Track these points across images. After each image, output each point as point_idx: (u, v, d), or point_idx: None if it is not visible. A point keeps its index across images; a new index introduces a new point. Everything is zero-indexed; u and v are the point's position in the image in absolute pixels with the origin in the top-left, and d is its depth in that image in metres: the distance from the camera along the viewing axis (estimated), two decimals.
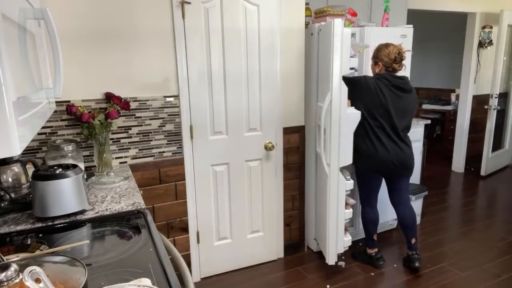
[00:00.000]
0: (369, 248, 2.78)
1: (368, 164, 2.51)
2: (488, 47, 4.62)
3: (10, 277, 0.79)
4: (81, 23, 2.03)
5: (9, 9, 0.87)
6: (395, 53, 2.40)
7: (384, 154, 2.44)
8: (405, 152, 2.48)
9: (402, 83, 2.42)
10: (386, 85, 2.40)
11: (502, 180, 4.72)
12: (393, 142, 2.45)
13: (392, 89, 2.41)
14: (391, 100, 2.40)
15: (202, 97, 2.41)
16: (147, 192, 2.35)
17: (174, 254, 1.50)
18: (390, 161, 2.45)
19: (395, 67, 2.44)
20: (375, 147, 2.45)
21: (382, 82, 2.41)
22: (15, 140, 0.76)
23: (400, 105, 2.43)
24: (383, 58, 2.44)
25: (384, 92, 2.39)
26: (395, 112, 2.42)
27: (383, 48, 2.45)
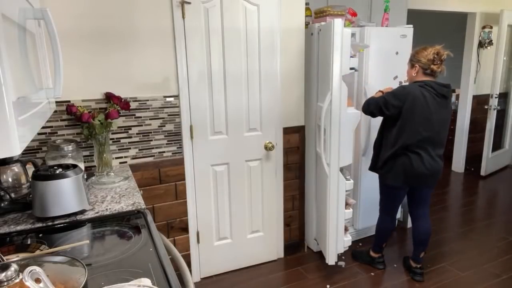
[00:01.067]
0: (374, 252, 2.75)
1: (401, 178, 2.36)
2: (488, 47, 4.62)
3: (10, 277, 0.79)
4: (81, 23, 2.03)
5: (9, 9, 0.87)
6: (434, 53, 2.25)
7: (420, 169, 2.29)
8: (439, 164, 2.34)
9: (447, 92, 2.27)
10: (430, 93, 2.24)
11: (502, 180, 4.72)
12: (429, 156, 2.30)
13: (437, 98, 2.25)
14: (435, 110, 2.24)
15: (202, 97, 2.41)
16: (147, 192, 2.35)
17: (174, 254, 1.50)
18: (424, 174, 2.31)
19: (433, 69, 2.27)
20: (411, 162, 2.30)
21: (426, 90, 2.24)
22: (15, 140, 0.76)
23: (442, 115, 2.28)
24: (421, 59, 2.28)
25: (429, 101, 2.23)
26: (438, 122, 2.27)
27: (421, 50, 2.31)
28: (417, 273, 2.59)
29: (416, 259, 2.61)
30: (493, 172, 4.95)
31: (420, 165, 2.30)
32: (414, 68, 2.34)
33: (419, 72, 2.31)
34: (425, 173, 2.31)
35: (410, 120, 2.25)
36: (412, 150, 2.30)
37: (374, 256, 2.75)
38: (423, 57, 2.27)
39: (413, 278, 2.60)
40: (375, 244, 2.74)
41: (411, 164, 2.30)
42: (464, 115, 4.90)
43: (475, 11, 4.50)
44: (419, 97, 2.23)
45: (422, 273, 2.60)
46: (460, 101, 4.95)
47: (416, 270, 2.60)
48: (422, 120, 2.25)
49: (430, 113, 2.24)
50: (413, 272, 2.62)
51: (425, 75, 2.31)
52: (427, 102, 2.23)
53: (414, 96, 2.23)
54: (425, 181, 2.36)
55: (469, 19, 4.63)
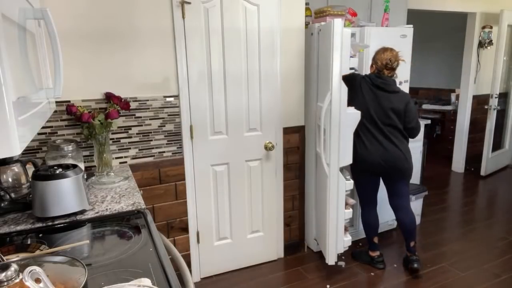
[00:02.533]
0: (371, 251, 2.77)
1: (357, 163, 2.52)
2: (488, 47, 4.62)
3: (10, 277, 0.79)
4: (81, 23, 2.03)
5: (9, 9, 0.87)
6: (387, 59, 2.43)
7: (368, 153, 2.49)
8: (391, 151, 2.47)
9: (381, 83, 2.45)
10: (367, 83, 2.48)
11: (502, 180, 4.72)
12: (376, 141, 2.48)
13: (372, 88, 2.46)
14: (370, 98, 2.46)
15: (202, 97, 2.41)
16: (147, 192, 2.35)
17: (174, 254, 1.50)
18: (376, 161, 2.48)
19: (384, 73, 2.47)
20: (359, 146, 2.50)
21: (364, 81, 2.50)
22: (15, 140, 0.76)
23: (381, 104, 2.45)
24: (377, 62, 2.48)
25: (364, 90, 2.47)
26: (375, 111, 2.45)
27: (380, 52, 2.48)
28: (413, 260, 2.61)
29: (409, 249, 2.66)
30: (493, 172, 4.95)
31: (368, 150, 2.49)
32: (372, 67, 2.55)
33: (375, 72, 2.51)
34: (378, 162, 2.47)
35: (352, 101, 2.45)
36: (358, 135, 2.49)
37: (373, 255, 2.76)
38: (380, 60, 2.46)
39: (412, 268, 2.60)
40: (367, 242, 2.79)
41: (360, 148, 2.50)
42: (464, 115, 4.90)
43: (475, 11, 4.50)
44: (358, 84, 2.49)
45: (417, 260, 2.62)
46: (460, 101, 4.95)
47: (411, 258, 2.63)
48: (361, 107, 2.45)
49: (366, 101, 2.46)
50: (409, 261, 2.64)
51: None
52: (362, 91, 2.48)
53: (356, 81, 2.49)
54: (386, 171, 2.50)
55: (469, 19, 4.63)
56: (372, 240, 2.74)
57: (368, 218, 2.71)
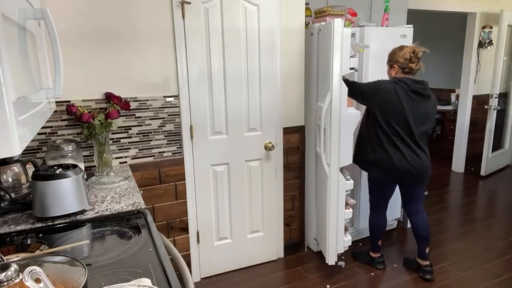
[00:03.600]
0: (373, 252, 2.76)
1: (383, 173, 2.40)
2: (488, 47, 4.62)
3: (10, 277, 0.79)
4: (81, 23, 2.03)
5: (9, 9, 0.87)
6: (410, 52, 2.33)
7: (401, 163, 2.32)
8: (423, 160, 2.36)
9: (420, 88, 2.31)
10: (404, 89, 2.29)
11: (502, 180, 4.72)
12: (410, 150, 2.33)
13: (410, 94, 2.30)
14: (408, 105, 2.28)
15: (202, 97, 2.41)
16: (147, 192, 2.35)
17: (174, 254, 1.50)
18: (408, 170, 2.33)
19: (411, 67, 2.34)
20: (390, 156, 2.33)
21: (400, 86, 2.30)
22: (15, 140, 0.76)
23: (419, 111, 2.31)
24: (398, 60, 2.35)
25: (401, 97, 2.28)
26: (413, 118, 2.30)
27: (397, 51, 2.38)
28: (427, 271, 2.57)
29: (423, 256, 2.59)
30: (493, 172, 4.95)
31: (402, 159, 2.33)
32: (393, 69, 2.41)
33: (398, 71, 2.38)
34: (409, 170, 2.34)
35: (383, 114, 2.32)
36: (389, 143, 2.34)
37: (373, 256, 2.75)
38: (400, 57, 2.35)
39: (423, 277, 2.57)
40: (371, 243, 2.75)
41: (391, 158, 2.34)
42: (464, 115, 4.90)
43: (475, 11, 4.50)
44: (391, 91, 2.29)
45: (432, 271, 2.58)
46: (460, 101, 4.95)
47: (426, 269, 2.58)
48: (395, 115, 2.30)
49: (403, 108, 2.29)
50: (422, 271, 2.59)
51: (404, 73, 2.37)
52: (399, 97, 2.29)
53: (386, 90, 2.30)
54: (413, 179, 2.38)
55: (469, 19, 4.63)
56: (376, 242, 2.71)
57: (378, 222, 2.66)
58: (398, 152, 2.33)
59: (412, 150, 2.34)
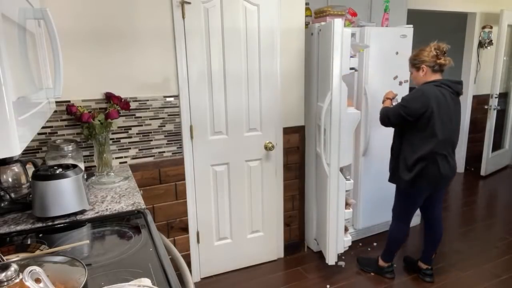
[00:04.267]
0: (384, 261, 2.63)
1: (428, 183, 2.27)
2: (488, 47, 4.62)
3: (10, 277, 0.79)
4: (81, 23, 2.03)
5: (9, 9, 0.87)
6: (435, 48, 2.22)
7: (445, 171, 2.24)
8: (454, 163, 2.30)
9: (461, 89, 2.23)
10: (449, 92, 2.19)
11: (502, 180, 4.72)
12: (450, 157, 2.26)
13: (453, 97, 2.21)
14: (453, 108, 2.20)
15: (202, 97, 2.41)
16: (147, 192, 2.35)
17: (174, 254, 1.50)
18: (448, 175, 2.26)
19: (441, 63, 2.22)
20: (438, 166, 2.22)
21: (445, 90, 2.18)
22: (15, 140, 0.76)
23: (457, 111, 2.24)
24: (425, 59, 2.23)
25: (448, 101, 2.18)
26: (456, 121, 2.23)
27: (420, 52, 2.27)
28: (428, 275, 2.56)
29: (428, 261, 2.58)
30: (493, 172, 4.95)
31: (445, 167, 2.24)
32: (421, 70, 2.26)
33: (428, 72, 2.25)
34: (448, 175, 2.27)
35: (436, 123, 2.16)
36: (439, 153, 2.21)
37: (383, 266, 2.63)
38: (426, 56, 2.23)
39: (424, 280, 2.56)
40: (387, 253, 2.60)
41: (439, 168, 2.22)
42: (464, 115, 4.89)
43: (475, 11, 4.50)
44: (440, 98, 2.16)
45: (432, 274, 2.57)
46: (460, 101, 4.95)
47: (426, 272, 2.57)
48: (446, 121, 2.19)
49: (451, 112, 2.19)
50: (423, 273, 2.58)
51: (434, 72, 2.25)
52: (447, 102, 2.18)
53: (436, 97, 2.16)
54: (446, 182, 2.33)
55: (469, 19, 4.63)
56: (394, 254, 2.58)
57: (403, 233, 2.51)
58: (442, 160, 2.22)
59: (450, 155, 2.27)
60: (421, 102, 2.15)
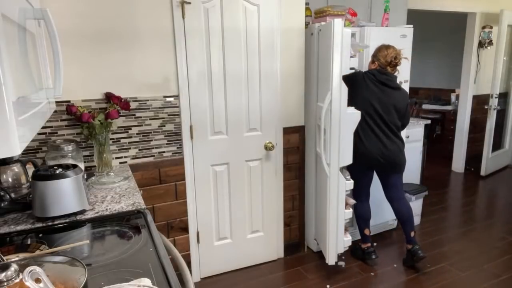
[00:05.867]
0: (363, 243, 2.82)
1: (355, 159, 2.51)
2: (488, 47, 4.62)
3: (10, 277, 0.79)
4: (81, 23, 2.03)
5: (9, 9, 0.87)
6: (392, 56, 2.46)
7: (367, 150, 2.51)
8: (390, 149, 2.52)
9: (386, 79, 2.48)
10: (371, 79, 2.48)
11: (502, 180, 4.72)
12: (376, 137, 2.51)
13: (377, 84, 2.48)
14: (374, 94, 2.47)
15: (202, 97, 2.41)
16: (147, 192, 2.35)
17: (174, 254, 1.50)
18: (374, 157, 2.51)
19: (387, 70, 2.50)
20: (362, 142, 2.52)
21: (367, 76, 2.50)
22: (15, 140, 0.76)
23: (384, 100, 2.48)
24: (380, 59, 2.50)
25: (369, 85, 2.47)
26: (379, 106, 2.48)
27: (383, 49, 2.50)
28: (416, 250, 2.62)
29: (410, 240, 2.67)
30: (493, 172, 4.95)
31: (368, 146, 2.51)
32: (374, 64, 2.55)
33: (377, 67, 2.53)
34: (378, 157, 2.51)
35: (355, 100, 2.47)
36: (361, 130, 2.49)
37: (363, 247, 2.80)
38: (383, 57, 2.49)
39: (417, 257, 2.60)
40: (360, 233, 2.82)
41: (360, 144, 2.51)
42: (464, 115, 4.90)
43: (475, 11, 4.50)
44: (361, 80, 2.49)
45: (420, 249, 2.63)
46: (460, 101, 4.95)
47: (414, 249, 2.63)
48: (364, 103, 2.47)
49: (369, 98, 2.47)
50: (412, 253, 2.64)
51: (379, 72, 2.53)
52: (367, 87, 2.48)
53: (358, 78, 2.50)
54: (383, 166, 2.53)
55: (469, 19, 4.63)
56: (364, 232, 2.77)
57: (361, 210, 2.74)
58: (366, 140, 2.52)
59: (379, 138, 2.52)
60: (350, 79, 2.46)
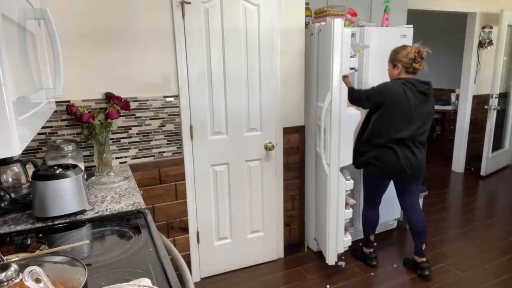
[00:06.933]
0: (365, 247, 2.79)
1: (381, 169, 2.45)
2: (488, 47, 4.62)
3: (10, 277, 0.79)
4: (81, 23, 2.03)
5: (9, 9, 0.87)
6: (414, 52, 2.33)
7: (399, 162, 2.39)
8: (419, 158, 2.43)
9: (426, 89, 2.35)
10: (411, 90, 2.33)
11: (502, 180, 4.72)
12: (409, 150, 2.39)
13: (417, 95, 2.34)
14: (415, 106, 2.33)
15: (202, 97, 2.41)
16: (147, 192, 2.35)
17: (174, 254, 1.50)
18: (403, 168, 2.40)
19: (415, 67, 2.36)
20: (393, 155, 2.39)
21: (407, 87, 2.33)
22: (15, 140, 0.76)
23: (422, 111, 2.36)
24: (402, 59, 2.37)
25: (409, 96, 2.32)
26: (418, 118, 2.36)
27: (401, 50, 2.39)
28: (425, 268, 2.56)
29: (420, 253, 2.60)
30: (493, 172, 4.95)
31: (403, 159, 2.39)
32: (396, 68, 2.42)
33: (402, 71, 2.41)
34: (405, 168, 2.40)
35: (392, 115, 2.35)
36: (394, 143, 2.38)
37: (366, 251, 2.78)
38: (404, 56, 2.36)
39: (422, 274, 2.56)
40: (364, 237, 2.78)
41: (390, 157, 2.40)
42: (464, 115, 4.90)
43: (475, 11, 4.49)
44: (400, 93, 2.32)
45: (429, 267, 2.57)
46: (460, 101, 4.95)
47: (423, 265, 2.58)
48: (404, 116, 2.34)
49: (410, 109, 2.33)
50: (420, 268, 2.58)
51: (407, 73, 2.40)
52: (407, 98, 2.32)
53: (395, 92, 2.33)
54: (408, 176, 2.45)
55: (469, 19, 4.62)
56: (368, 237, 2.75)
57: (370, 216, 2.69)
58: (403, 152, 2.38)
59: (411, 149, 2.41)
60: (381, 95, 2.35)
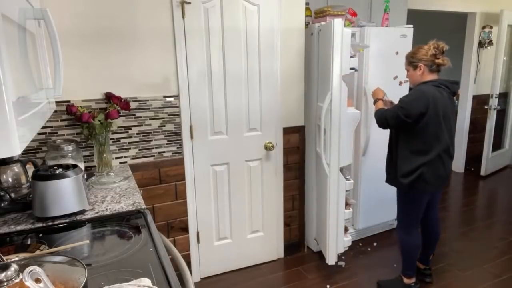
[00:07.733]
0: (408, 278, 2.41)
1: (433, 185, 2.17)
2: (488, 47, 4.62)
3: (10, 277, 0.79)
4: (81, 23, 2.03)
5: (9, 9, 0.87)
6: (434, 47, 2.14)
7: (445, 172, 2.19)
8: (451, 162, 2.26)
9: (457, 89, 2.19)
10: (447, 93, 2.13)
11: (502, 180, 4.72)
12: (448, 155, 2.20)
13: (450, 97, 2.16)
14: (452, 109, 2.17)
15: (202, 97, 2.41)
16: (147, 192, 2.35)
17: (174, 254, 1.50)
18: (447, 176, 2.23)
19: (439, 63, 2.15)
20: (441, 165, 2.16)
21: (444, 90, 2.13)
22: (15, 140, 0.76)
23: (453, 112, 2.20)
24: (422, 58, 2.15)
25: (447, 101, 2.12)
26: (454, 122, 2.20)
27: (418, 49, 2.19)
28: (427, 275, 2.56)
29: (426, 261, 2.57)
30: (493, 172, 4.95)
31: (447, 168, 2.20)
32: (418, 69, 2.18)
33: (425, 71, 2.17)
34: (448, 176, 2.23)
35: (439, 123, 2.09)
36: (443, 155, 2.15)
37: (409, 283, 2.41)
38: (424, 54, 2.15)
39: (424, 280, 2.55)
40: (406, 267, 2.41)
41: (445, 169, 2.17)
42: (464, 115, 4.90)
43: (475, 11, 4.49)
44: (440, 98, 2.09)
45: (431, 274, 2.57)
46: (460, 101, 4.95)
47: (425, 272, 2.57)
48: (446, 121, 2.12)
49: (448, 112, 2.14)
50: (422, 274, 2.57)
51: (431, 72, 2.18)
52: (446, 103, 2.11)
53: (435, 97, 2.07)
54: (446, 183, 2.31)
55: (469, 19, 4.62)
56: (414, 266, 2.41)
57: (417, 240, 2.37)
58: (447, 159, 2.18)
59: (449, 154, 2.21)
60: (421, 104, 2.06)
